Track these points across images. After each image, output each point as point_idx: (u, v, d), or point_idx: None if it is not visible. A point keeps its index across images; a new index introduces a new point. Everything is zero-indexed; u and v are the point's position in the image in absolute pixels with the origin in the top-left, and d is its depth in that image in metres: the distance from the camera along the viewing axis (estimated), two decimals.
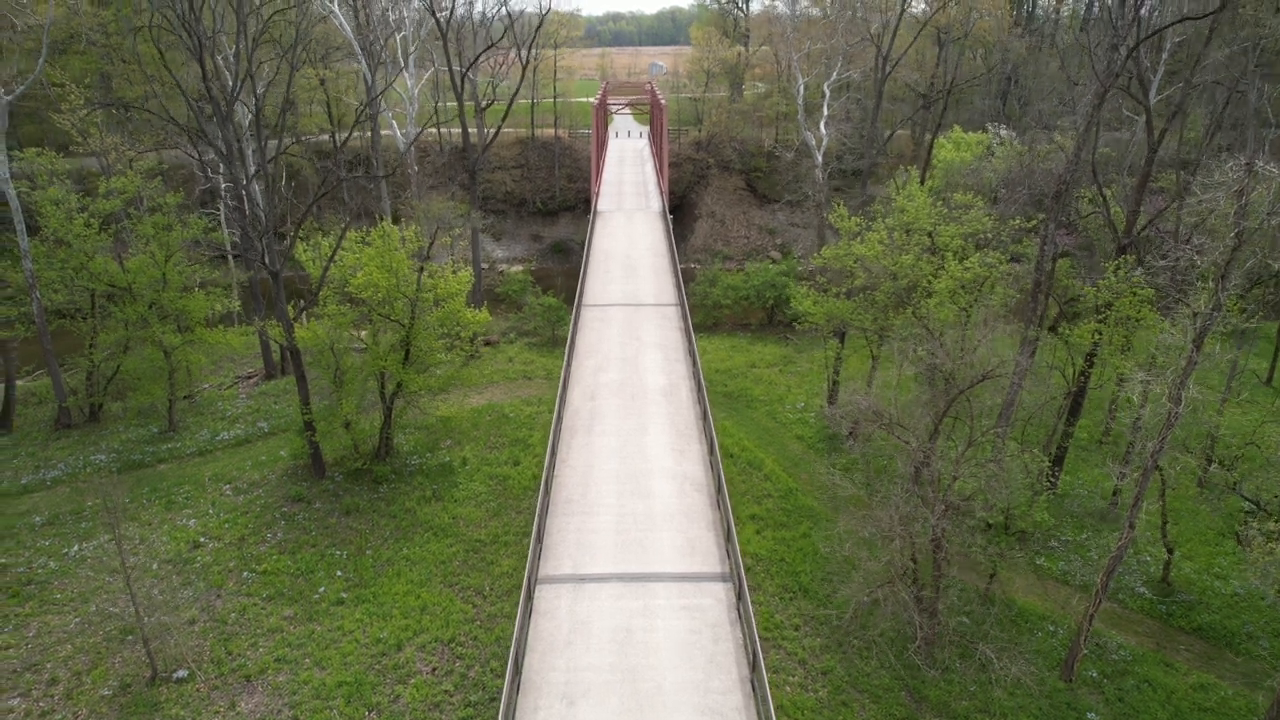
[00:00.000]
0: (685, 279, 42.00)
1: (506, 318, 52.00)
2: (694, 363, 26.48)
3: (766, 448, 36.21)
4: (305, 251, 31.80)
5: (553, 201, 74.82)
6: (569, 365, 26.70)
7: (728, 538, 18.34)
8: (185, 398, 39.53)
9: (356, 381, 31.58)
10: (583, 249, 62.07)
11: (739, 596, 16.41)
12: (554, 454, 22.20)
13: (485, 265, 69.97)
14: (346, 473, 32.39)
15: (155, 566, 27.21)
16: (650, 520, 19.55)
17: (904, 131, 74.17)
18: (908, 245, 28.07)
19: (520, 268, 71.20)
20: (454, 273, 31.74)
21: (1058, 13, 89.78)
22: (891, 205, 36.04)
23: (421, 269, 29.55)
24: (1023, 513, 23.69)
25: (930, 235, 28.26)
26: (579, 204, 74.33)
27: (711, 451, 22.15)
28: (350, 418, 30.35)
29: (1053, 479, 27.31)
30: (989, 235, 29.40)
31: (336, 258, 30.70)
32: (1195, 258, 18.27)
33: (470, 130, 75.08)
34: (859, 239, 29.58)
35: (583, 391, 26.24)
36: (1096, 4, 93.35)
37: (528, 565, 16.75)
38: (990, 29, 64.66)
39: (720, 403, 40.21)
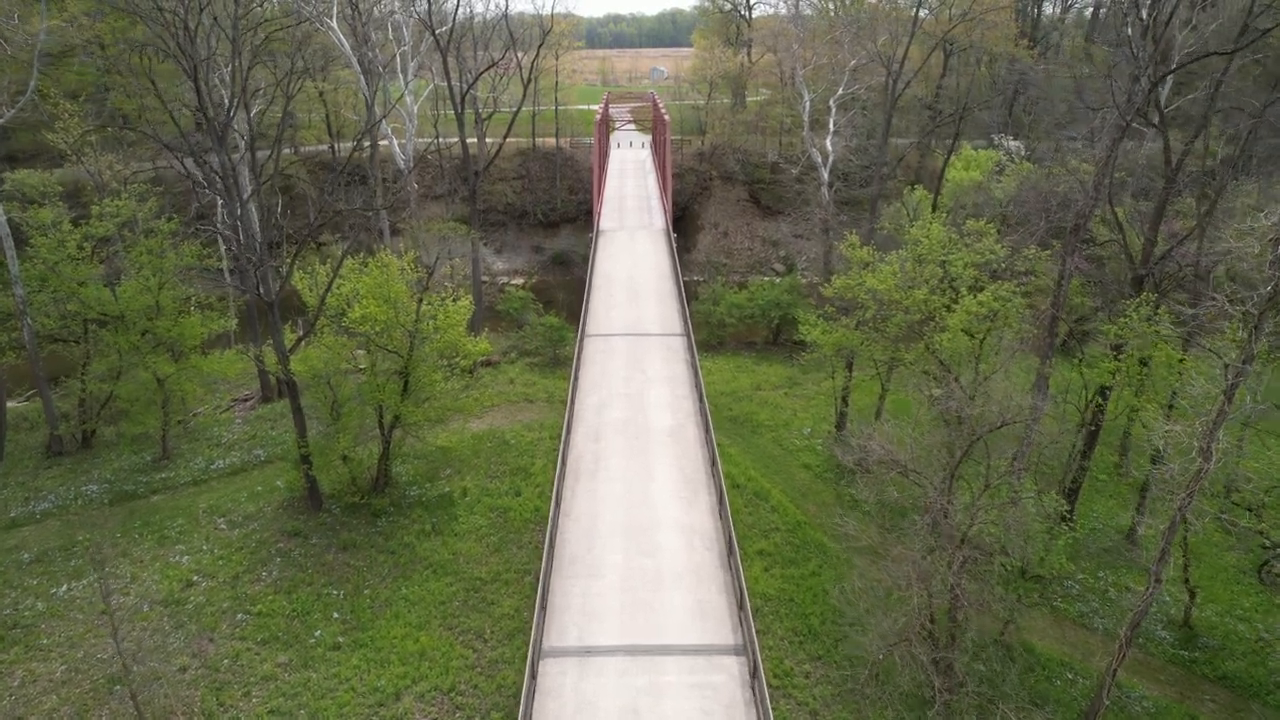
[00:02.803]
0: (688, 294, 41.11)
1: (507, 336, 51.17)
2: (700, 399, 25.67)
3: (773, 477, 35.44)
4: (302, 279, 31.06)
5: (554, 213, 74.05)
6: (572, 403, 25.88)
7: (740, 605, 17.58)
8: (180, 422, 38.79)
9: (354, 413, 30.81)
10: (584, 262, 61.30)
11: (753, 675, 15.64)
12: (558, 504, 21.43)
13: (486, 278, 69.19)
14: (344, 506, 31.61)
15: (146, 608, 26.44)
16: (658, 581, 18.78)
17: (905, 140, 73.42)
18: (920, 277, 27.29)
19: (521, 280, 70.48)
20: (454, 300, 31.01)
21: (1063, 20, 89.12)
22: (902, 228, 35.21)
23: (420, 299, 28.78)
24: (1041, 559, 22.91)
25: (943, 265, 27.51)
26: (580, 215, 73.60)
27: (721, 503, 21.38)
28: (347, 451, 29.59)
29: (1070, 519, 26.53)
30: (1002, 264, 28.63)
31: (334, 286, 29.93)
32: (1227, 307, 17.50)
33: (470, 140, 74.49)
34: (870, 269, 28.81)
35: (586, 432, 25.47)
36: (1102, 11, 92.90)
37: (531, 637, 15.99)
38: (996, 40, 63.88)
39: (725, 427, 39.45)
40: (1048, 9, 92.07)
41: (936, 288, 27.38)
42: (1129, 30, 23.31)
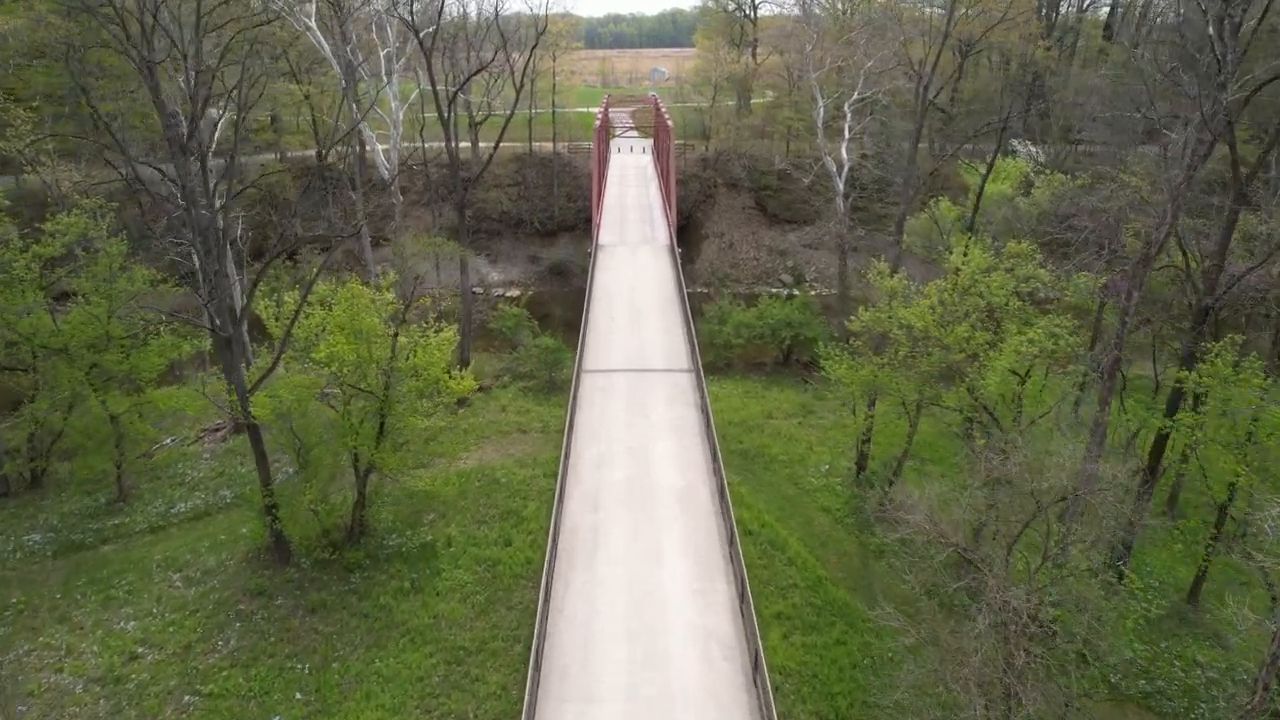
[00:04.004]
0: (692, 309, 37.68)
1: (500, 357, 47.99)
2: (714, 455, 22.28)
3: (789, 521, 32.25)
4: (266, 307, 27.89)
5: (551, 221, 70.87)
6: (567, 459, 22.41)
7: None
8: (142, 457, 35.67)
9: (325, 456, 27.63)
10: (583, 273, 58.01)
11: None
12: (547, 599, 18.20)
13: (480, 290, 66.04)
14: (314, 560, 28.40)
15: (80, 689, 23.23)
16: (670, 709, 15.55)
17: (922, 146, 70.23)
18: (959, 309, 24.09)
19: (517, 291, 67.34)
20: (436, 331, 27.83)
21: (1080, 20, 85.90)
22: (933, 247, 32.08)
23: (396, 334, 25.56)
24: (1112, 645, 19.73)
25: (983, 296, 24.32)
26: (579, 224, 70.42)
27: (743, 599, 18.17)
28: (315, 504, 26.41)
29: (1125, 583, 23.31)
30: (1048, 291, 25.41)
31: (301, 315, 26.71)
32: None
33: (463, 144, 71.05)
34: (901, 299, 25.61)
35: (583, 498, 22.09)
36: (1120, 10, 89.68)
37: None
38: (1018, 40, 60.69)
39: (735, 463, 36.25)
40: (1062, 8, 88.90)
41: (978, 321, 24.19)
42: (1210, 29, 20.09)
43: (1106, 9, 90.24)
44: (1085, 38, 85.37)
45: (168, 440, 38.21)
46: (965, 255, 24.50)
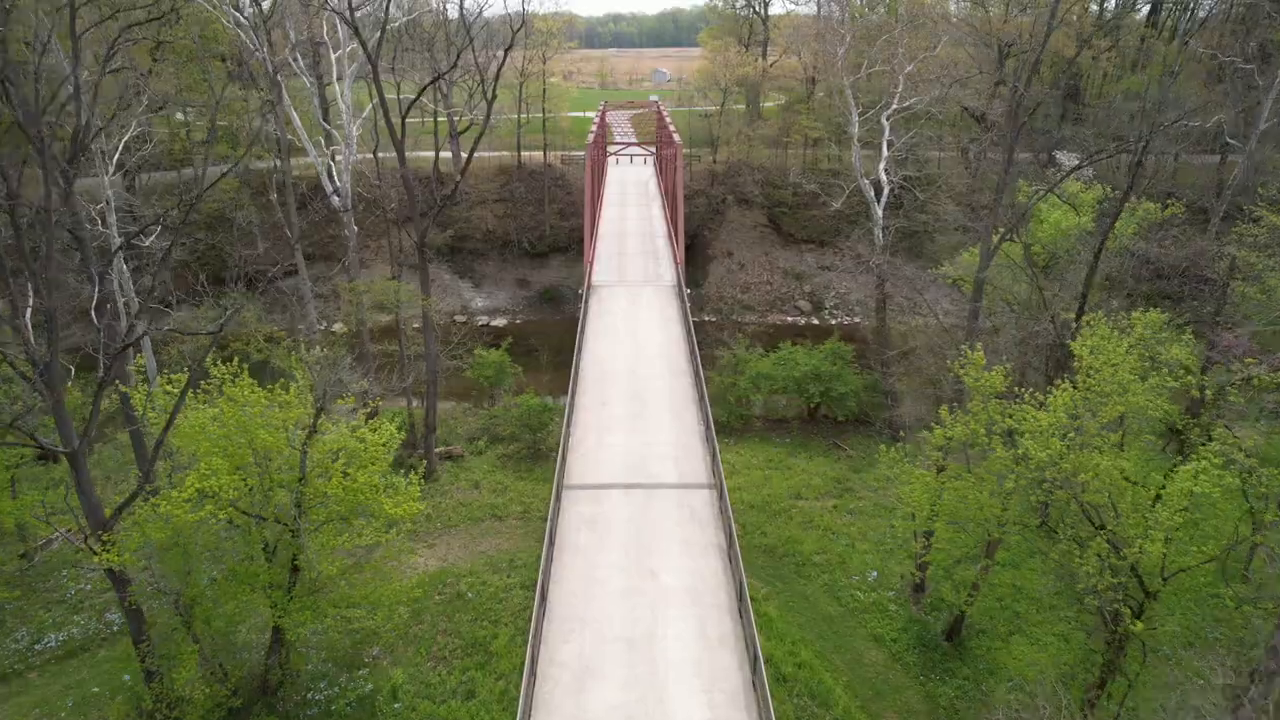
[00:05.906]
0: (698, 342, 30.15)
1: (477, 412, 40.98)
2: (755, 659, 14.57)
3: (832, 657, 25.27)
4: (139, 392, 20.90)
5: (542, 242, 63.77)
6: (533, 674, 14.66)
7: None
8: (23, 556, 28.92)
9: (219, 612, 20.55)
10: (577, 299, 51.06)
11: None
12: None
13: (462, 317, 59.12)
14: None
15: None
16: None
17: (949, 154, 63.37)
18: (1092, 425, 17.01)
19: (503, 320, 60.36)
20: (373, 431, 20.74)
21: (1119, 20, 78.96)
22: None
23: (305, 451, 18.47)
24: None
25: (1126, 403, 17.29)
26: (573, 244, 63.35)
27: None
28: (189, 688, 19.39)
29: None
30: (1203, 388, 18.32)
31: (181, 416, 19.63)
32: None
33: (444, 154, 63.94)
34: (1000, 405, 18.52)
35: None
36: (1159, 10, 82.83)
37: None
38: (1064, 43, 53.71)
39: (757, 566, 29.32)
40: (1103, 5, 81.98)
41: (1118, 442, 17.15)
42: None
43: (1147, 8, 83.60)
44: (1126, 37, 78.64)
45: (60, 532, 31.09)
46: (1100, 348, 17.45)
